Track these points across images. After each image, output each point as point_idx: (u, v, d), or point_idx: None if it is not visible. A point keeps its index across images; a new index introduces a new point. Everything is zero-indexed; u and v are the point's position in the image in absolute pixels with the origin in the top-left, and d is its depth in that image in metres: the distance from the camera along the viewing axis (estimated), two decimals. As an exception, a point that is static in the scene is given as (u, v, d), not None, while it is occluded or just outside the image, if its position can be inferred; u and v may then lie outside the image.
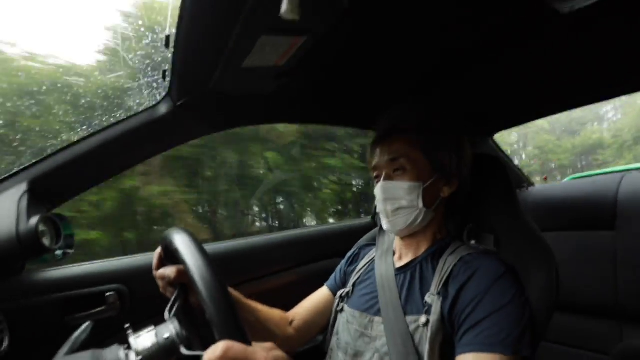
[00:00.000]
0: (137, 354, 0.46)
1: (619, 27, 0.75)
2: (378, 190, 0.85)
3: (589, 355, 1.26)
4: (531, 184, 1.74)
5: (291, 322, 0.96)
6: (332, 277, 1.04)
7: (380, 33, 0.74)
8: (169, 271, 0.65)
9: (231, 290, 0.76)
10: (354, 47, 0.78)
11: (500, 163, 0.92)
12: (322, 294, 1.02)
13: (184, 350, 0.48)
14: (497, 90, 1.11)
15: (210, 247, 1.22)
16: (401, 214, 0.83)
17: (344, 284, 0.98)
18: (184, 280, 0.64)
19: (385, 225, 0.87)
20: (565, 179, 2.01)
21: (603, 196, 1.30)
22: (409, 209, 0.82)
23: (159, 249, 0.69)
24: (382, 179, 0.84)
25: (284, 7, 0.47)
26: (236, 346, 0.41)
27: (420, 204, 0.82)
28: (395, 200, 0.83)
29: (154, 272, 0.70)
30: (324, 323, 0.97)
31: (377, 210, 0.88)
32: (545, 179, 2.56)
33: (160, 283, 0.69)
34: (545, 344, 1.36)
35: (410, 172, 0.82)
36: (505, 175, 0.90)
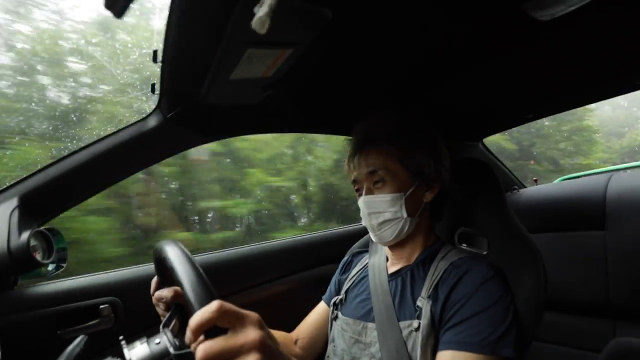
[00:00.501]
0: None
1: (603, 30, 0.76)
2: (361, 204, 0.85)
3: (582, 354, 1.27)
4: (522, 186, 1.76)
5: (296, 342, 0.97)
6: (328, 290, 1.05)
7: (364, 42, 0.76)
8: (166, 292, 0.63)
9: None
10: (339, 56, 0.80)
11: (489, 167, 0.94)
12: (320, 308, 1.03)
13: (172, 350, 0.48)
14: (485, 95, 1.13)
15: (204, 257, 1.22)
16: (387, 227, 0.83)
17: (338, 294, 0.99)
18: (180, 300, 0.63)
19: (373, 238, 0.88)
20: (556, 180, 2.03)
21: (592, 196, 1.32)
22: (393, 221, 0.83)
23: (156, 279, 0.67)
24: (363, 192, 0.85)
25: (254, 20, 0.48)
26: (227, 304, 0.41)
27: (404, 214, 0.82)
28: (379, 214, 0.83)
29: (154, 299, 0.67)
30: (327, 336, 0.97)
31: (363, 224, 0.88)
32: (536, 180, 2.57)
33: (159, 310, 0.67)
34: (538, 343, 1.37)
35: (390, 183, 0.82)
36: (493, 178, 0.92)
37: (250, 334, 0.40)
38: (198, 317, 0.39)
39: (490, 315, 0.68)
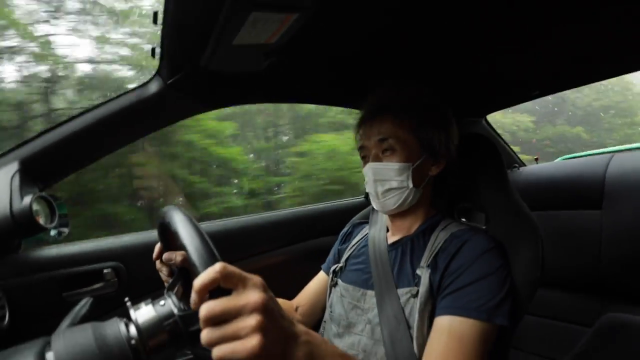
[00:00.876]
0: (137, 325, 0.48)
1: (613, 5, 0.74)
2: (368, 171, 0.85)
3: (572, 328, 1.32)
4: (522, 164, 1.76)
5: (296, 309, 1.00)
6: (327, 260, 1.07)
7: (372, 11, 0.73)
8: (174, 255, 0.63)
9: None
10: (346, 24, 0.77)
11: (491, 143, 0.93)
12: (320, 277, 1.05)
13: (176, 311, 0.49)
14: (490, 72, 1.11)
15: (204, 226, 1.23)
16: (391, 195, 0.84)
17: (338, 262, 1.01)
18: (186, 264, 0.62)
19: (375, 206, 0.89)
20: (557, 159, 2.03)
21: (591, 176, 1.33)
22: (399, 190, 0.83)
23: (159, 244, 0.67)
24: (370, 159, 0.85)
25: None
26: (230, 266, 0.41)
27: (410, 184, 0.83)
28: (385, 182, 0.83)
29: (157, 264, 0.68)
30: (325, 303, 0.99)
31: (367, 191, 0.89)
32: (537, 159, 2.59)
33: (162, 276, 0.68)
34: (531, 317, 1.42)
35: (400, 152, 0.83)
36: (496, 154, 0.92)
37: (253, 296, 0.41)
38: (202, 277, 0.40)
39: (487, 284, 0.70)
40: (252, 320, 0.39)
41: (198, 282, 0.40)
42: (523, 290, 0.75)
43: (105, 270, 0.99)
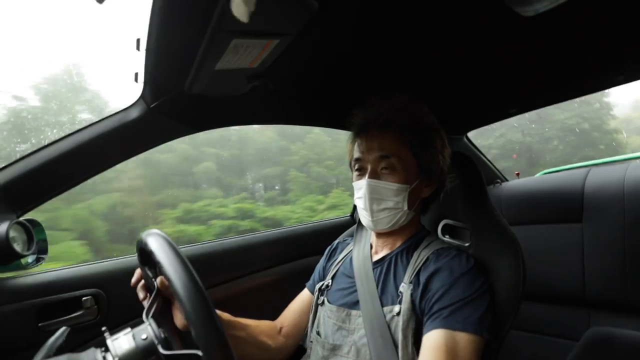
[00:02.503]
0: (115, 356, 0.46)
1: (584, 27, 0.77)
2: (363, 187, 0.83)
3: (559, 342, 1.32)
4: (505, 180, 1.80)
5: (280, 330, 0.97)
6: (312, 277, 1.05)
7: (351, 33, 0.75)
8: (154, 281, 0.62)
9: (220, 313, 0.78)
10: (326, 48, 0.79)
11: (471, 160, 0.95)
12: (304, 296, 1.03)
13: (162, 350, 0.47)
14: (471, 89, 1.14)
15: (190, 248, 1.21)
16: (385, 214, 0.83)
17: (323, 280, 1.00)
18: (168, 294, 0.62)
19: (366, 223, 0.87)
20: (538, 174, 2.08)
21: (571, 190, 1.36)
22: (393, 210, 0.83)
23: (138, 271, 0.67)
24: (367, 175, 0.83)
25: (233, 6, 0.47)
26: None
27: (405, 206, 0.83)
28: (381, 200, 0.82)
29: (140, 295, 0.68)
30: (308, 323, 0.98)
31: (359, 207, 0.87)
32: (518, 174, 2.66)
33: (140, 295, 0.67)
34: (517, 332, 1.42)
35: (400, 172, 0.81)
36: (476, 171, 0.94)
37: None
38: None
39: (471, 300, 0.72)
40: None
41: None
42: (506, 305, 0.76)
43: (84, 298, 0.95)
